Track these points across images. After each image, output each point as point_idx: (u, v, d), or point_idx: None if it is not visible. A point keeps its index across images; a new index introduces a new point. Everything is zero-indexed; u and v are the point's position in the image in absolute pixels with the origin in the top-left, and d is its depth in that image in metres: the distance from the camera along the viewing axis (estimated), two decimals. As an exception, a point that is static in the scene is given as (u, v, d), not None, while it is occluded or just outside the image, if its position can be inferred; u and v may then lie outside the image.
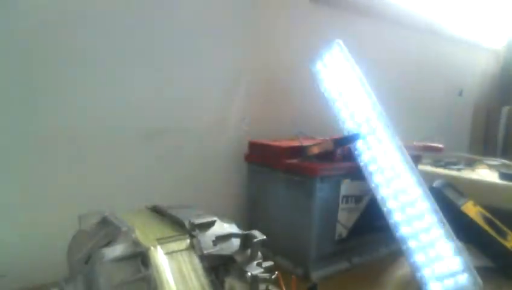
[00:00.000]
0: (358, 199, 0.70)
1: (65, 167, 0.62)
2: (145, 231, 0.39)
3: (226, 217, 0.47)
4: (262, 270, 0.37)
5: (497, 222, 0.73)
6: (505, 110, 1.55)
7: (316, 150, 0.68)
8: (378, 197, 0.65)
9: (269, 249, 0.72)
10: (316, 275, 0.65)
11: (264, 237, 0.39)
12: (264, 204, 0.75)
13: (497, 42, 1.67)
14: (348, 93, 0.74)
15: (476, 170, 1.02)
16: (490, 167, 1.04)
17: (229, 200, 0.81)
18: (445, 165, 1.05)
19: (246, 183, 0.80)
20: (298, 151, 0.70)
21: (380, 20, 1.13)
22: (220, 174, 0.80)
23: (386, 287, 0.65)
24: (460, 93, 1.54)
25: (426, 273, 0.59)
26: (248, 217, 0.79)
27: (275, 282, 0.41)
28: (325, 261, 0.68)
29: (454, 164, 1.07)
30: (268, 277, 0.36)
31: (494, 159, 1.12)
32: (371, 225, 0.72)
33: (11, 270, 0.56)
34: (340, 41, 0.78)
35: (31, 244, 0.57)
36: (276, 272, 0.38)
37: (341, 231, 0.69)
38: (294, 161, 0.68)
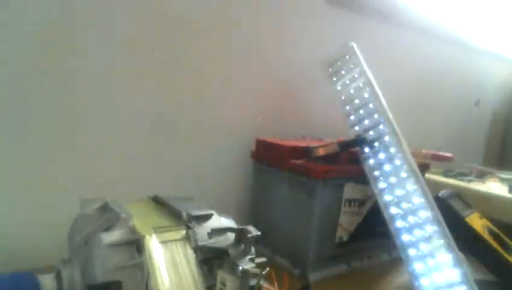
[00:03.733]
0: (361, 203, 0.70)
1: (71, 153, 0.63)
2: (143, 219, 0.40)
3: (224, 213, 0.48)
4: (254, 265, 0.37)
5: (503, 236, 0.72)
6: (524, 123, 1.52)
7: (321, 152, 0.68)
8: (381, 202, 0.65)
9: (269, 248, 0.72)
10: (313, 277, 0.65)
11: (259, 233, 0.40)
12: (267, 203, 0.75)
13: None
14: (358, 97, 0.74)
15: (487, 182, 1.00)
16: (502, 180, 1.02)
17: (233, 197, 0.82)
18: (456, 176, 1.04)
19: (251, 181, 0.80)
20: (304, 152, 0.70)
21: (398, 26, 1.12)
22: (226, 170, 0.81)
23: (383, 294, 0.65)
24: (477, 103, 1.51)
25: (424, 283, 0.58)
26: (250, 215, 0.79)
27: (268, 278, 0.42)
28: (324, 263, 0.68)
29: (465, 175, 1.06)
30: (259, 272, 0.37)
31: (507, 172, 1.09)
32: (373, 230, 0.71)
33: (18, 250, 0.58)
34: (354, 44, 0.78)
35: (37, 226, 0.59)
36: (268, 268, 0.38)
37: (342, 234, 0.69)
38: (299, 161, 0.69)
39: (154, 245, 0.37)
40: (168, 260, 0.37)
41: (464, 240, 0.64)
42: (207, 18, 0.74)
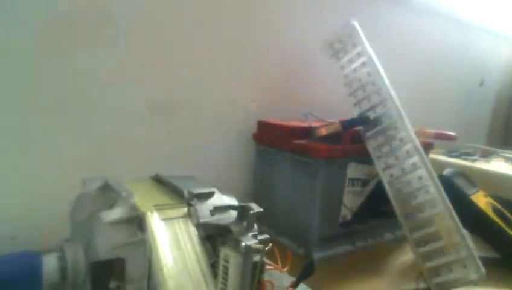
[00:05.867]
0: (364, 182, 0.69)
1: (74, 135, 0.63)
2: (144, 197, 0.40)
3: (227, 192, 0.47)
4: (256, 241, 0.37)
5: (507, 214, 0.71)
6: (528, 103, 1.50)
7: (323, 132, 0.67)
8: (385, 181, 0.65)
9: (273, 228, 0.72)
10: (318, 257, 0.65)
11: (261, 209, 0.39)
12: (269, 184, 0.75)
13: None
14: (361, 76, 0.72)
15: (492, 161, 0.99)
16: (506, 159, 1.01)
17: (235, 179, 0.82)
18: (460, 156, 1.03)
19: (254, 162, 0.80)
20: (306, 132, 0.69)
21: (402, 6, 1.10)
22: (228, 153, 0.81)
23: (388, 273, 0.65)
24: (481, 84, 1.49)
25: (429, 260, 0.58)
26: (254, 197, 0.79)
27: (271, 255, 0.42)
28: (328, 243, 0.67)
29: (470, 154, 1.05)
30: (262, 248, 0.36)
31: (511, 151, 1.08)
32: (377, 209, 0.71)
33: (22, 231, 0.58)
34: (356, 23, 0.76)
35: (40, 207, 0.59)
36: (270, 245, 0.38)
37: (346, 213, 0.68)
38: (301, 141, 0.68)
39: (155, 222, 0.37)
40: (170, 237, 0.37)
41: (469, 217, 0.64)
42: (203, 1, 0.73)
